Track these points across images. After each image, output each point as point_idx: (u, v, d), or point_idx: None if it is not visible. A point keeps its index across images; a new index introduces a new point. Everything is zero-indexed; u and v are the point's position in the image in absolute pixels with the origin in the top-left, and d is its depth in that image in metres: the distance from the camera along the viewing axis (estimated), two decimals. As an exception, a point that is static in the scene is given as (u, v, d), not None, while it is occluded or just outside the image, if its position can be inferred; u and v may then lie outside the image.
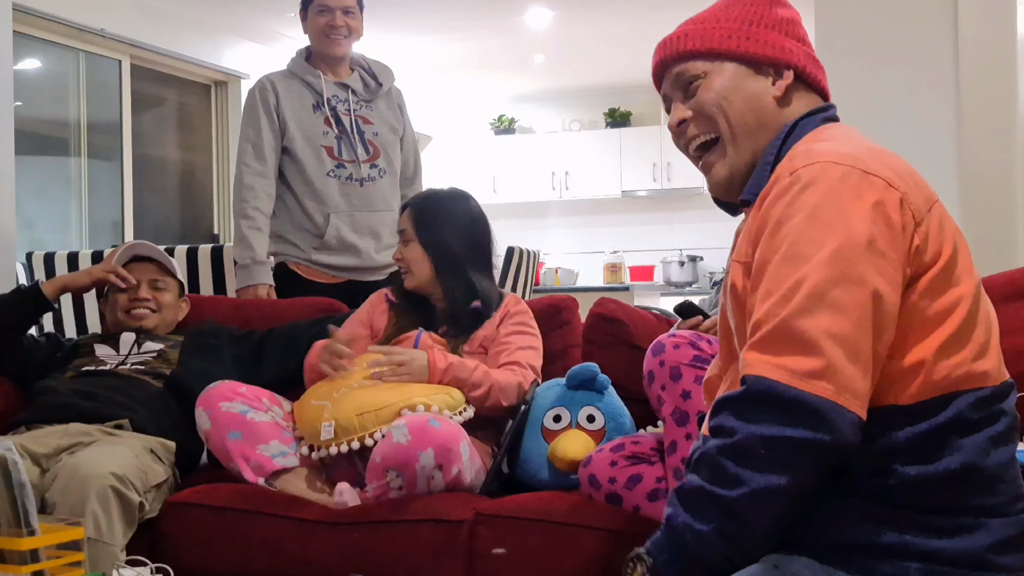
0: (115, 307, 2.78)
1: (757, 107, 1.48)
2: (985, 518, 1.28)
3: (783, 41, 1.49)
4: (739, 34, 1.49)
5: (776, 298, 1.26)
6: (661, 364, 2.05)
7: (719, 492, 1.24)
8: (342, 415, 2.23)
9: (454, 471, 2.14)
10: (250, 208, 3.17)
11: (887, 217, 1.28)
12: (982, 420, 1.30)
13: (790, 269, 1.27)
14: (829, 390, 1.21)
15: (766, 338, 1.25)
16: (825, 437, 1.21)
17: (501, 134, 9.49)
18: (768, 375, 1.23)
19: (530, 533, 2.03)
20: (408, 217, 2.58)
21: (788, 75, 1.48)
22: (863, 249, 1.25)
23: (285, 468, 2.30)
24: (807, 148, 1.38)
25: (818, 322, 1.23)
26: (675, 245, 8.98)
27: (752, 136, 1.47)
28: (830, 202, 1.28)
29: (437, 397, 2.26)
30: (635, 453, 2.09)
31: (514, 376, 2.38)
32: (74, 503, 2.00)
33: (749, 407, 1.24)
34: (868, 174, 1.30)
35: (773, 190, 1.34)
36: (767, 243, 1.31)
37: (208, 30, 6.64)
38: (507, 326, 2.50)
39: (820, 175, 1.30)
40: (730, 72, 1.49)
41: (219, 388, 2.37)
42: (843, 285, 1.24)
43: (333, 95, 3.27)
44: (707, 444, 1.28)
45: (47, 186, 5.97)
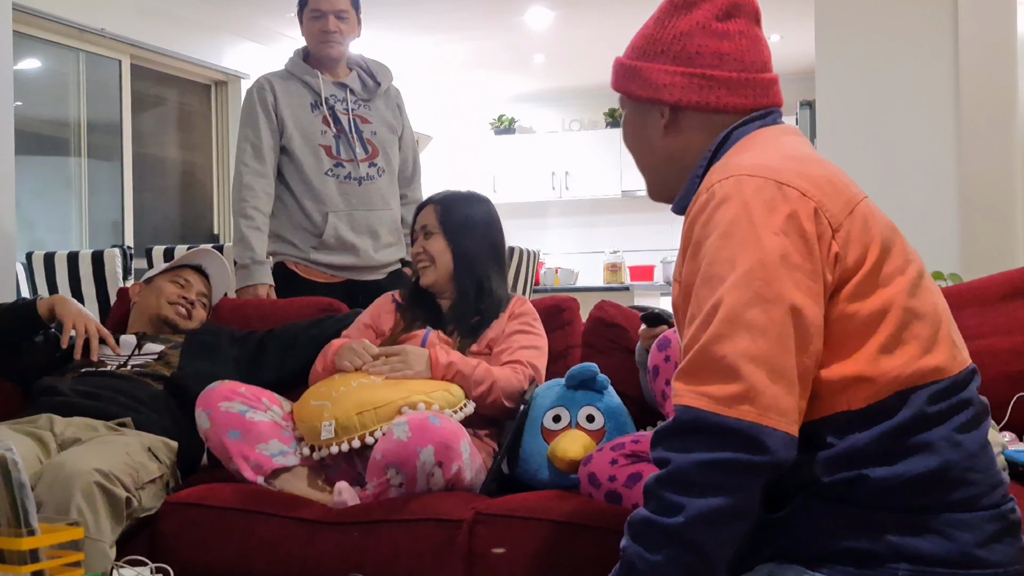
0: (160, 293, 2.80)
1: (650, 147, 1.53)
2: (966, 512, 1.28)
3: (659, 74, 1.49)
4: (629, 73, 1.53)
5: (697, 323, 1.28)
6: (667, 359, 2.05)
7: (663, 521, 1.26)
8: (342, 414, 2.23)
9: (454, 469, 2.14)
10: (249, 208, 3.17)
11: (800, 228, 1.28)
12: (943, 412, 1.30)
13: (707, 292, 1.28)
14: (752, 413, 1.22)
15: (689, 366, 1.27)
16: (755, 457, 1.23)
17: (501, 134, 9.49)
18: (693, 404, 1.25)
19: (530, 533, 2.03)
20: (432, 212, 2.59)
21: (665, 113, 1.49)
22: (776, 265, 1.26)
23: (285, 467, 2.30)
24: (726, 162, 1.39)
25: (736, 346, 1.24)
26: (675, 245, 8.92)
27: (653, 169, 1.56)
28: (743, 218, 1.28)
29: (437, 394, 2.26)
30: (635, 452, 2.10)
31: (515, 375, 2.39)
32: (59, 500, 2.00)
33: (679, 437, 1.26)
34: (782, 185, 1.30)
35: (694, 207, 1.36)
36: (690, 264, 1.34)
37: (208, 30, 6.64)
38: (511, 326, 2.50)
39: (734, 190, 1.31)
40: (629, 112, 1.56)
41: (218, 388, 2.37)
42: (758, 305, 1.25)
43: (331, 94, 3.27)
44: (649, 477, 1.30)
45: (47, 186, 5.97)
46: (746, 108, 1.47)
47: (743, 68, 1.47)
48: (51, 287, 4.34)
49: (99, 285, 4.27)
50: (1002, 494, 1.33)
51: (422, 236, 2.59)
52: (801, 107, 5.93)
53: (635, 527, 1.30)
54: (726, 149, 1.45)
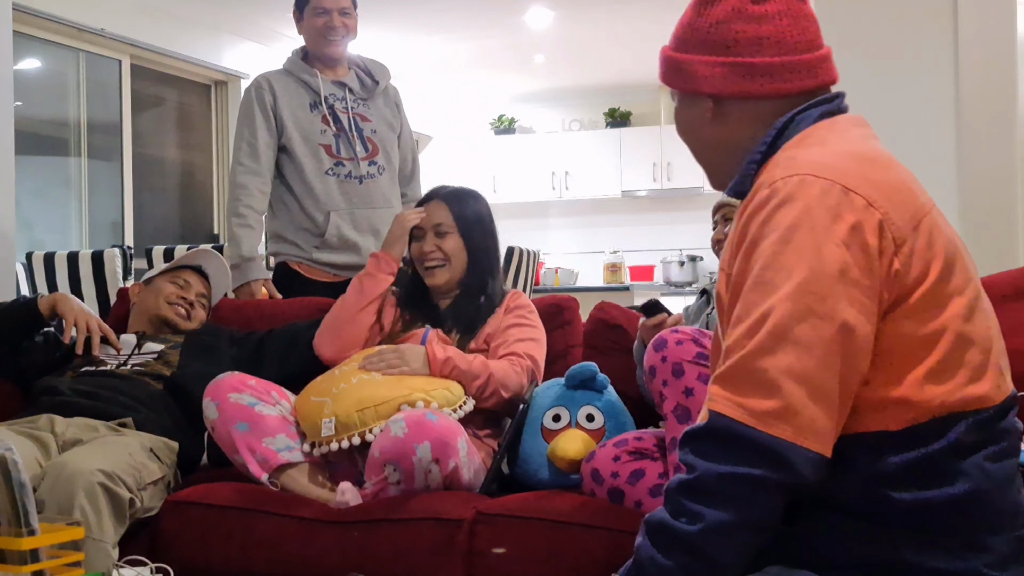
0: (159, 293, 2.81)
1: (701, 138, 1.51)
2: (986, 535, 1.26)
3: (697, 65, 1.45)
4: (672, 65, 1.49)
5: (743, 328, 1.25)
6: (663, 360, 2.05)
7: (680, 527, 1.24)
8: (342, 411, 2.23)
9: (451, 465, 2.14)
10: (241, 206, 3.17)
11: (864, 242, 1.23)
12: (980, 442, 1.27)
13: (758, 297, 1.25)
14: (788, 431, 1.20)
15: (729, 373, 1.25)
16: (783, 477, 1.21)
17: (501, 134, 9.49)
18: (728, 412, 1.23)
19: (530, 532, 2.03)
20: (445, 210, 2.56)
21: (709, 105, 1.45)
22: (833, 280, 1.22)
23: (290, 463, 2.29)
24: (791, 155, 1.34)
25: (779, 361, 1.21)
26: (675, 245, 8.98)
27: (709, 161, 1.52)
28: (805, 224, 1.24)
29: (436, 392, 2.27)
30: (638, 449, 2.10)
31: (511, 366, 2.39)
32: (63, 501, 2.00)
33: (709, 444, 1.24)
34: (848, 191, 1.25)
35: (752, 201, 1.31)
36: (742, 262, 1.30)
37: (208, 30, 6.64)
38: (507, 319, 2.51)
39: (798, 191, 1.26)
40: (678, 104, 1.53)
41: (228, 379, 2.36)
42: (809, 320, 1.21)
43: (330, 93, 3.27)
44: (672, 479, 1.29)
45: (47, 186, 5.97)
46: (791, 93, 1.41)
47: (784, 51, 1.40)
48: (51, 287, 4.34)
49: (99, 285, 4.27)
50: (1022, 521, 1.30)
51: (433, 234, 2.55)
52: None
53: (651, 528, 1.28)
54: (788, 136, 1.39)
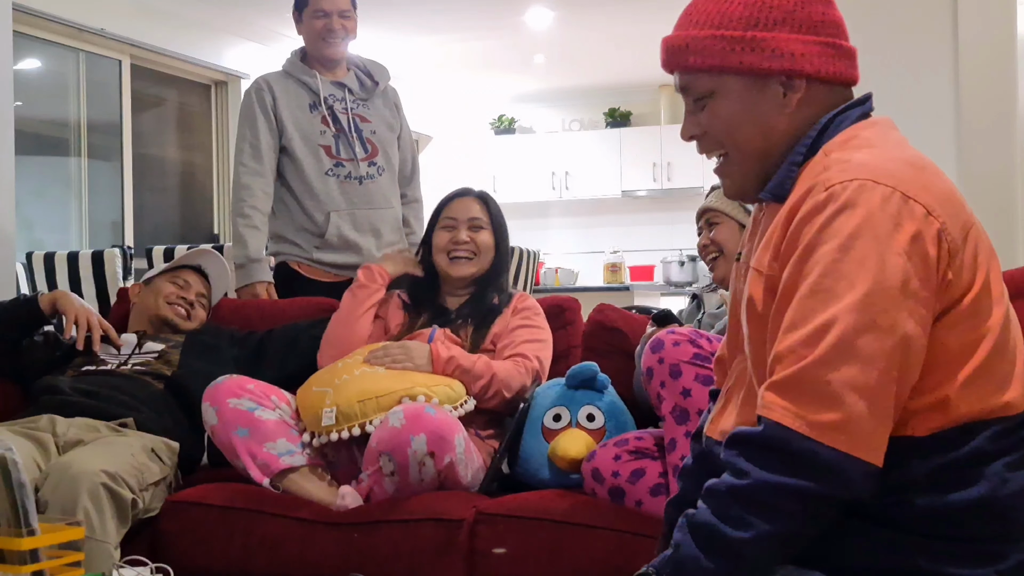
0: (158, 292, 2.81)
1: (767, 129, 1.38)
2: (999, 544, 1.25)
3: (792, 43, 1.35)
4: (742, 44, 1.35)
5: (801, 337, 1.21)
6: (660, 361, 2.05)
7: (729, 532, 1.22)
8: (343, 401, 2.24)
9: (446, 460, 2.14)
10: (246, 207, 3.17)
11: (924, 252, 1.21)
12: (1001, 450, 1.26)
13: (818, 304, 1.21)
14: (846, 443, 1.18)
15: (787, 382, 1.21)
16: (838, 490, 1.19)
17: (501, 134, 9.49)
18: (785, 422, 1.20)
19: (531, 532, 2.03)
20: (480, 206, 2.64)
21: (800, 85, 1.36)
22: (896, 292, 1.19)
23: (292, 467, 2.29)
24: (844, 158, 1.29)
25: (843, 374, 1.18)
26: (675, 245, 8.97)
27: (763, 156, 1.40)
28: (867, 232, 1.20)
29: (438, 388, 2.27)
30: (639, 448, 2.10)
31: (516, 367, 2.40)
32: (66, 501, 2.00)
33: (763, 453, 1.22)
34: (908, 199, 1.22)
35: (805, 204, 1.26)
36: (795, 266, 1.25)
37: (208, 30, 6.64)
38: (514, 321, 2.52)
39: (858, 197, 1.22)
40: (737, 91, 1.38)
41: (227, 383, 2.36)
42: (872, 333, 1.18)
43: (330, 94, 3.27)
44: (721, 479, 1.25)
45: (47, 186, 5.97)
46: (857, 80, 1.38)
47: (847, 37, 1.40)
48: (51, 287, 4.33)
49: (99, 285, 4.27)
50: None
51: (467, 228, 2.59)
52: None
53: (695, 527, 1.25)
54: (828, 136, 1.35)
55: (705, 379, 2.03)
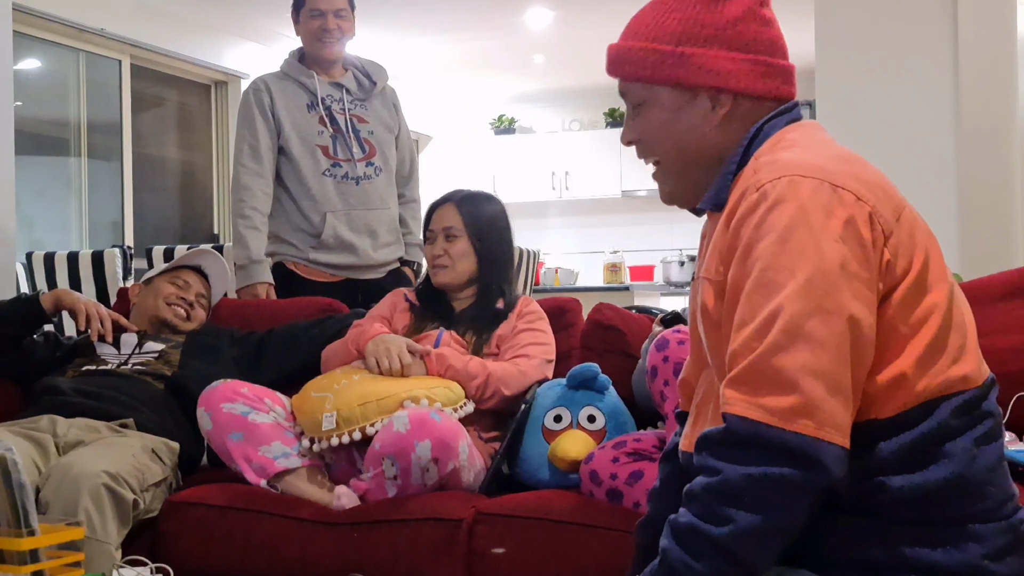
0: (157, 293, 2.81)
1: (695, 139, 1.42)
2: (978, 524, 1.26)
3: (720, 60, 1.39)
4: (671, 59, 1.40)
5: (751, 330, 1.24)
6: (665, 360, 2.06)
7: (711, 530, 1.23)
8: (344, 405, 2.23)
9: (449, 467, 2.15)
10: (247, 208, 3.18)
11: (858, 235, 1.24)
12: (965, 424, 1.28)
13: (762, 298, 1.24)
14: (811, 427, 1.19)
15: (743, 375, 1.23)
16: (811, 475, 1.20)
17: (501, 134, 9.49)
18: (748, 415, 1.21)
19: (530, 532, 2.03)
20: (456, 213, 2.57)
21: (727, 100, 1.40)
22: (837, 275, 1.22)
23: (288, 469, 2.30)
24: (772, 159, 1.33)
25: (795, 358, 1.20)
26: (675, 245, 8.97)
27: (692, 165, 1.45)
28: (800, 222, 1.24)
29: (438, 390, 2.27)
30: (637, 450, 2.10)
31: (513, 366, 2.39)
32: (67, 502, 2.01)
33: (731, 448, 1.23)
34: (837, 187, 1.26)
35: (741, 206, 1.30)
36: (738, 267, 1.28)
37: (208, 30, 6.64)
38: (519, 325, 2.51)
39: (788, 191, 1.26)
40: (667, 102, 1.43)
41: (220, 388, 2.36)
42: (819, 316, 1.21)
43: (327, 95, 3.28)
44: (695, 481, 1.27)
45: (47, 186, 5.96)
46: (788, 97, 1.43)
47: (784, 55, 1.43)
48: (51, 287, 4.33)
49: (99, 285, 4.27)
50: (1014, 506, 1.31)
51: (443, 238, 2.56)
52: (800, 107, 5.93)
53: (679, 531, 1.26)
54: (758, 144, 1.39)
55: None
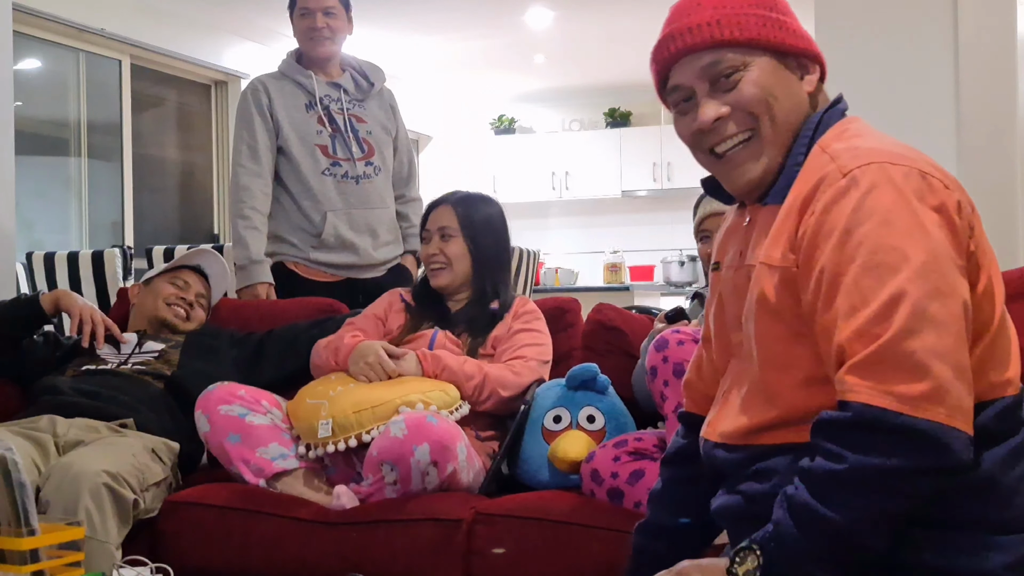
0: (157, 293, 2.81)
1: (797, 104, 1.38)
2: (1001, 535, 1.24)
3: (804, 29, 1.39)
4: (771, 23, 1.37)
5: (869, 315, 1.19)
6: (664, 360, 2.06)
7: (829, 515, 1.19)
8: (339, 412, 2.23)
9: (448, 469, 2.14)
10: (246, 208, 3.18)
11: (951, 222, 1.23)
12: (1004, 432, 1.26)
13: (875, 282, 1.20)
14: (942, 414, 1.16)
15: (869, 362, 1.19)
16: (942, 463, 1.17)
17: (501, 134, 9.49)
18: (874, 402, 1.17)
19: (529, 532, 2.03)
20: (452, 214, 2.57)
21: (815, 68, 1.39)
22: (946, 258, 1.20)
23: (285, 470, 2.30)
24: (848, 147, 1.30)
25: (924, 342, 1.17)
26: (675, 245, 8.96)
27: (790, 135, 1.38)
28: (902, 206, 1.21)
29: (433, 394, 2.27)
30: (638, 449, 2.10)
31: (509, 368, 2.39)
32: (67, 501, 2.01)
33: (857, 435, 1.19)
34: (925, 175, 1.24)
35: (823, 193, 1.26)
36: (836, 253, 1.23)
37: (208, 30, 6.64)
38: (515, 325, 2.50)
39: (881, 177, 1.23)
40: (767, 66, 1.37)
41: (217, 391, 2.37)
42: (939, 299, 1.18)
43: (325, 94, 3.28)
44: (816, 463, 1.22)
45: (47, 186, 5.96)
46: None
47: None
48: (51, 287, 4.33)
49: (99, 285, 4.27)
50: None
51: (439, 237, 2.56)
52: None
53: (796, 508, 1.22)
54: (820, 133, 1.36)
55: None
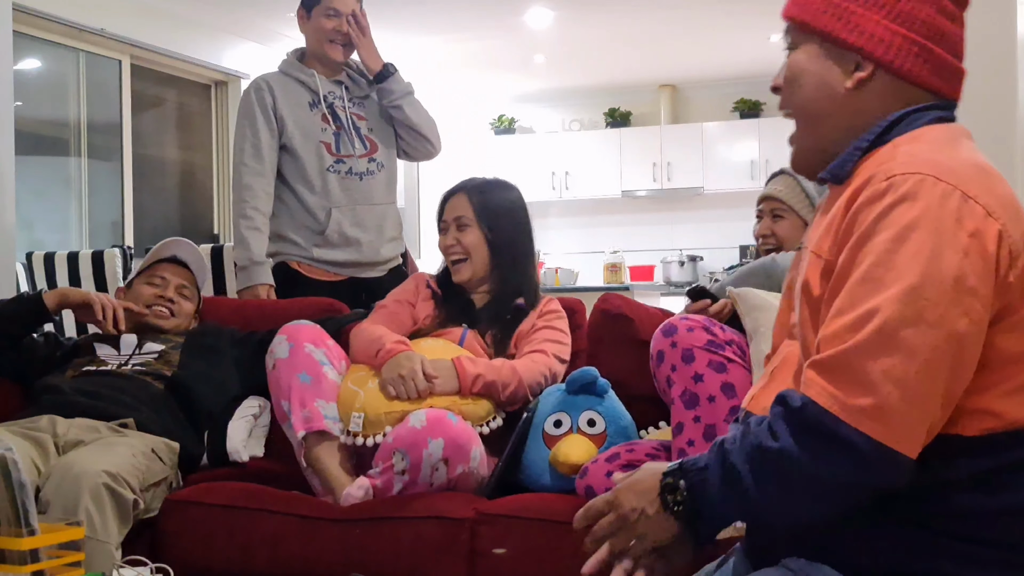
0: (138, 297, 2.79)
1: (826, 95, 1.39)
2: None
3: (876, 25, 1.35)
4: (834, 11, 1.38)
5: (846, 322, 1.21)
6: (673, 345, 2.06)
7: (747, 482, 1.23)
8: (371, 409, 2.24)
9: (459, 470, 2.14)
10: (249, 208, 3.17)
11: (983, 250, 1.20)
12: None
13: (865, 293, 1.20)
14: (878, 431, 1.16)
15: (827, 363, 1.21)
16: (866, 478, 1.18)
17: (501, 134, 9.49)
18: (821, 401, 1.19)
19: (531, 533, 2.03)
20: (466, 202, 2.52)
21: (867, 67, 1.37)
22: (948, 287, 1.18)
23: (328, 433, 2.28)
24: (910, 150, 1.29)
25: (881, 364, 1.17)
26: (675, 245, 8.98)
27: (816, 124, 1.40)
28: (924, 226, 1.20)
29: (466, 408, 2.27)
30: (631, 461, 2.08)
31: (535, 365, 2.37)
32: (67, 501, 2.01)
33: (798, 425, 1.21)
34: (968, 198, 1.22)
35: (865, 191, 1.26)
36: (851, 254, 1.24)
37: (208, 30, 6.64)
38: (538, 323, 2.48)
39: (918, 190, 1.21)
40: (812, 51, 1.40)
41: (309, 328, 2.37)
42: (917, 326, 1.17)
43: (329, 91, 3.28)
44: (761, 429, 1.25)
45: (47, 186, 5.97)
46: (941, 94, 1.38)
47: (955, 54, 1.39)
48: (51, 287, 4.31)
49: (99, 285, 4.27)
50: None
51: (455, 227, 2.52)
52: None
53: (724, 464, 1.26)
54: (899, 131, 1.35)
55: (718, 366, 2.04)
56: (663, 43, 7.51)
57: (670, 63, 8.13)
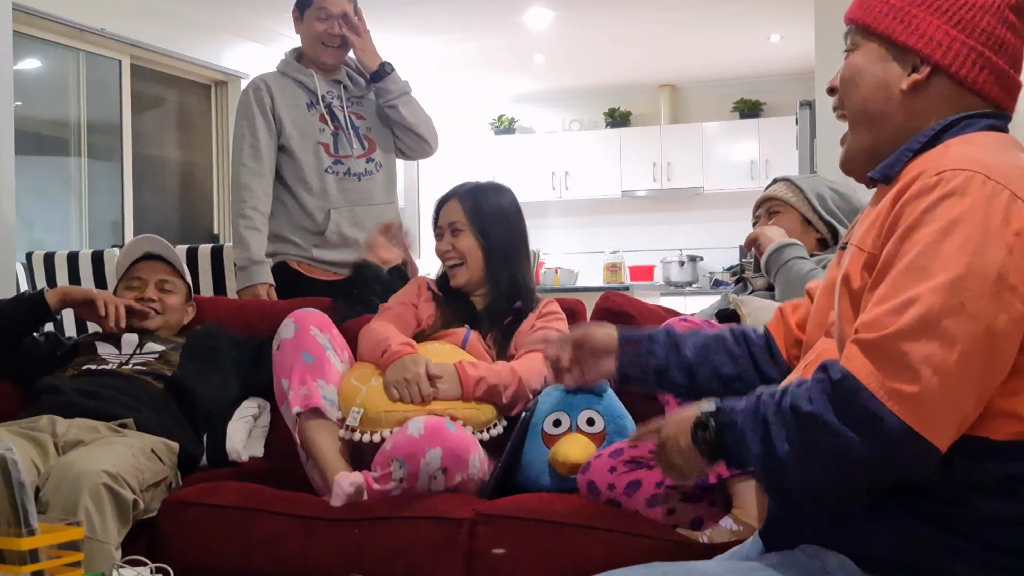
0: None
1: (881, 96, 1.41)
2: None
3: (937, 30, 1.37)
4: (897, 14, 1.40)
5: (887, 307, 1.22)
6: None
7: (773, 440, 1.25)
8: (371, 406, 2.24)
9: (457, 479, 2.14)
10: (248, 208, 3.18)
11: None
12: None
13: (909, 281, 1.22)
14: (911, 416, 1.17)
15: (869, 345, 1.22)
16: (890, 461, 1.19)
17: (501, 134, 9.50)
18: (860, 376, 1.20)
19: (530, 533, 2.03)
20: (459, 207, 2.53)
21: (924, 70, 1.37)
22: (990, 283, 1.19)
23: (324, 412, 2.30)
24: (961, 150, 1.31)
25: (922, 348, 1.18)
26: (675, 245, 8.98)
27: (871, 124, 1.42)
28: (971, 220, 1.21)
29: (467, 412, 2.27)
30: (634, 458, 2.08)
31: (534, 363, 2.37)
32: (67, 501, 2.01)
33: (836, 397, 1.22)
34: (1017, 198, 1.23)
35: (914, 185, 1.27)
36: (896, 245, 1.26)
37: (208, 30, 6.65)
38: (537, 324, 2.48)
39: (968, 186, 1.23)
40: (872, 53, 1.42)
41: (316, 315, 2.41)
42: (957, 317, 1.18)
43: (327, 91, 3.28)
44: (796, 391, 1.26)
45: (47, 186, 5.97)
46: (996, 103, 1.40)
47: (1014, 66, 1.41)
48: (51, 287, 4.33)
49: (99, 285, 4.27)
50: None
51: (449, 233, 2.53)
52: (801, 107, 5.91)
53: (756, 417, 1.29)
54: (950, 135, 1.37)
55: None
56: (663, 43, 7.51)
57: (670, 63, 8.14)
